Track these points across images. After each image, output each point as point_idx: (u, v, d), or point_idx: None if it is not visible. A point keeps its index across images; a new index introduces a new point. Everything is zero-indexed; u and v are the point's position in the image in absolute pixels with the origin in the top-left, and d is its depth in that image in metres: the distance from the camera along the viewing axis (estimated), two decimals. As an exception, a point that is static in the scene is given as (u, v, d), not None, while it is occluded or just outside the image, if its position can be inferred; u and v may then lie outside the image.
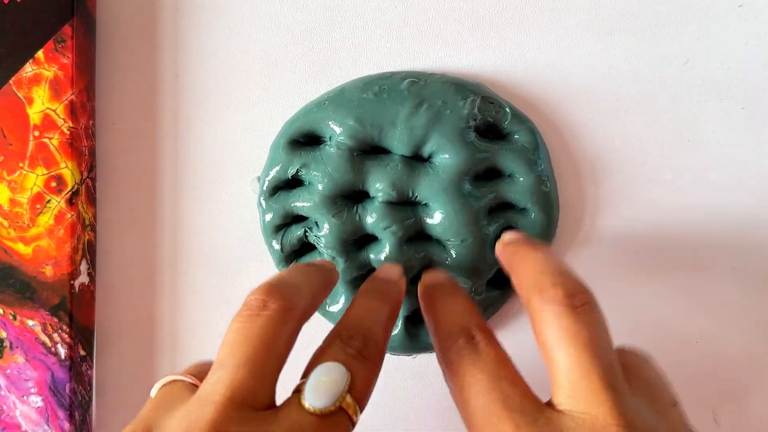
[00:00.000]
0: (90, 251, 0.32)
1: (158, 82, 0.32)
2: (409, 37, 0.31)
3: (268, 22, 0.31)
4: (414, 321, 0.32)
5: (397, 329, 0.31)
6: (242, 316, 0.23)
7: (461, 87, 0.30)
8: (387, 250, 0.30)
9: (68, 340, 0.31)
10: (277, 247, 0.31)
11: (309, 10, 0.31)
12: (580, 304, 0.22)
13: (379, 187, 0.29)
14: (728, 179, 0.31)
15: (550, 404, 0.22)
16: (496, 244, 0.29)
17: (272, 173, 0.30)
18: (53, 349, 0.31)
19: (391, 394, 0.33)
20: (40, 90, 0.30)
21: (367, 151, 0.30)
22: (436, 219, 0.29)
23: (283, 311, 0.23)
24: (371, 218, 0.30)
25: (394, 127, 0.29)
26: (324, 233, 0.30)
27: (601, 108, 0.31)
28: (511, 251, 0.27)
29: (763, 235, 0.31)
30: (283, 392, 0.22)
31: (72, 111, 0.30)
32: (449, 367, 0.24)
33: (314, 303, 0.25)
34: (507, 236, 0.28)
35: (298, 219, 0.31)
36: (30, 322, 0.31)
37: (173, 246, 0.33)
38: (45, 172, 0.30)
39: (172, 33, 0.32)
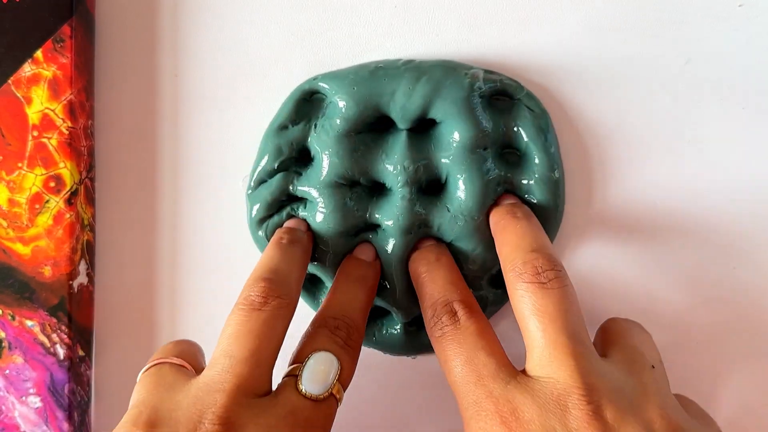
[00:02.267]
0: (89, 251, 0.32)
1: (158, 82, 0.32)
2: (409, 37, 0.31)
3: (268, 22, 0.31)
4: (413, 323, 0.31)
5: (397, 331, 0.31)
6: (244, 310, 0.25)
7: (461, 64, 0.29)
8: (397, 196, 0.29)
9: (67, 340, 0.31)
10: (261, 234, 0.31)
11: (309, 10, 0.31)
12: (547, 280, 0.25)
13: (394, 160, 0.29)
14: (728, 179, 0.31)
15: (523, 371, 0.24)
16: (491, 214, 0.29)
17: (261, 164, 0.30)
18: (52, 350, 0.31)
19: (393, 393, 0.33)
20: (39, 90, 0.30)
21: (366, 129, 0.30)
22: (451, 181, 0.29)
23: (281, 307, 0.25)
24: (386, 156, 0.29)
25: (394, 100, 0.29)
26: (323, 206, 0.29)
27: (600, 108, 0.31)
28: (495, 221, 0.29)
29: (764, 235, 0.31)
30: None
31: (71, 111, 0.30)
32: (435, 342, 0.26)
33: (301, 287, 0.28)
34: (500, 205, 0.29)
35: (280, 207, 0.31)
36: (29, 323, 0.31)
37: (173, 246, 0.33)
38: (44, 172, 0.30)
39: (172, 33, 0.32)
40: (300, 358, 0.25)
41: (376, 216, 0.30)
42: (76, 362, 0.31)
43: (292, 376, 0.25)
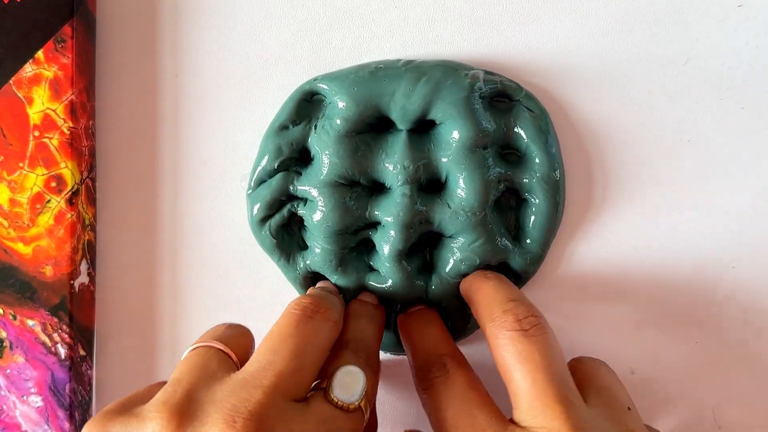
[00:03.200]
0: (90, 251, 0.32)
1: (158, 82, 0.32)
2: (409, 37, 0.31)
3: (268, 22, 0.31)
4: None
5: (387, 335, 0.32)
6: (295, 314, 0.26)
7: (461, 65, 0.29)
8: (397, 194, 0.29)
9: (68, 340, 0.31)
10: (266, 234, 0.31)
11: (309, 10, 0.31)
12: (529, 326, 0.25)
13: (394, 160, 0.29)
14: (728, 179, 0.31)
15: (513, 421, 0.24)
16: (461, 283, 0.30)
17: (261, 164, 0.30)
18: (53, 349, 0.31)
19: (396, 393, 0.33)
20: (40, 90, 0.30)
21: (366, 129, 0.30)
22: (451, 182, 0.29)
23: (332, 321, 0.26)
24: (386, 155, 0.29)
25: (394, 101, 0.29)
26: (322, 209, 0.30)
27: (600, 108, 0.31)
28: (467, 286, 0.29)
29: (764, 235, 0.31)
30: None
31: (72, 111, 0.30)
32: (425, 394, 0.26)
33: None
34: (469, 274, 0.30)
35: (281, 206, 0.31)
36: (30, 322, 0.31)
37: (173, 246, 0.33)
38: (45, 172, 0.30)
39: (172, 33, 0.32)
40: (327, 374, 0.25)
41: (376, 213, 0.30)
42: (77, 362, 0.31)
43: (321, 389, 0.25)
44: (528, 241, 0.30)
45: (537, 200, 0.30)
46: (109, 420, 0.23)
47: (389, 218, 0.29)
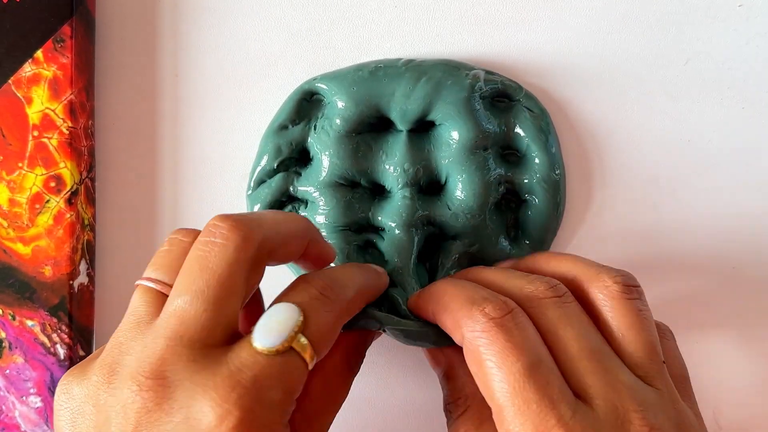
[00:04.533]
0: (89, 251, 0.32)
1: (158, 81, 0.32)
2: (409, 37, 0.31)
3: (268, 22, 0.31)
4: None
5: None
6: (200, 243, 0.22)
7: (462, 64, 0.29)
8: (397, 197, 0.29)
9: (67, 340, 0.31)
10: None
11: (309, 10, 0.31)
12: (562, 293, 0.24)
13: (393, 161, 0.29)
14: (728, 179, 0.31)
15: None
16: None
17: (260, 164, 0.30)
18: (52, 350, 0.31)
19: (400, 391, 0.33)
20: (39, 90, 0.30)
21: (367, 129, 0.30)
22: (450, 185, 0.29)
23: (234, 243, 0.22)
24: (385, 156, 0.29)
25: (393, 101, 0.29)
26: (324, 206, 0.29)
27: (600, 108, 0.31)
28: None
29: (764, 235, 0.31)
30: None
31: (71, 111, 0.30)
32: (476, 340, 0.22)
33: (286, 244, 0.24)
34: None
35: (281, 207, 0.31)
36: (29, 323, 0.31)
37: (173, 246, 0.33)
38: (44, 172, 0.30)
39: (172, 33, 0.32)
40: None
41: (379, 218, 0.30)
42: (77, 362, 0.31)
43: (250, 332, 0.21)
44: (527, 241, 0.30)
45: (537, 200, 0.30)
46: (68, 374, 0.22)
47: (392, 222, 0.29)
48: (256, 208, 0.30)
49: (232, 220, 0.22)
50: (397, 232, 0.29)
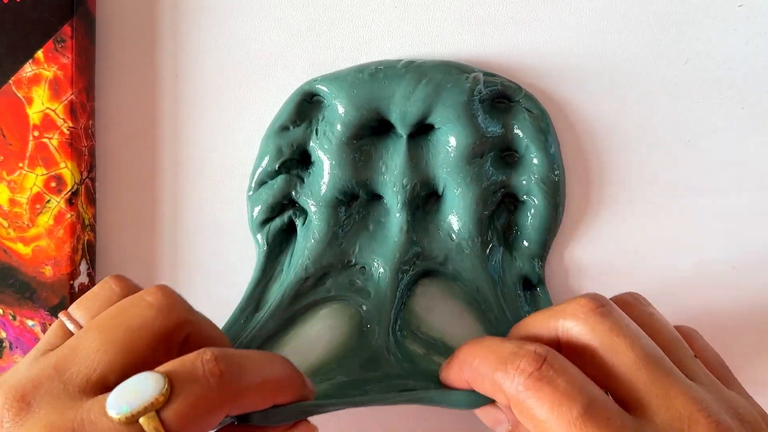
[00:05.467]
0: (90, 251, 0.32)
1: (158, 81, 0.32)
2: (409, 38, 0.31)
3: (268, 22, 0.31)
4: None
5: None
6: (133, 296, 0.23)
7: (462, 66, 0.29)
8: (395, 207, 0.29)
9: (68, 340, 0.31)
10: (261, 240, 0.31)
11: (309, 10, 0.31)
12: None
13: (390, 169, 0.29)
14: (728, 179, 0.31)
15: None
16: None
17: (261, 165, 0.30)
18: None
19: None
20: (40, 90, 0.30)
21: (367, 133, 0.30)
22: (445, 194, 0.30)
23: (164, 312, 0.23)
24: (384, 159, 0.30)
25: (393, 104, 0.29)
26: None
27: (600, 108, 0.31)
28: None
29: (764, 235, 0.31)
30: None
31: (72, 111, 0.30)
32: (530, 388, 0.21)
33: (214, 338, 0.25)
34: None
35: (282, 210, 0.31)
36: (29, 323, 0.31)
37: (173, 246, 0.33)
38: (44, 172, 0.30)
39: (172, 33, 0.32)
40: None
41: (365, 256, 0.30)
42: (77, 362, 0.31)
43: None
44: (526, 243, 0.30)
45: (536, 201, 0.30)
46: None
47: (383, 264, 0.29)
48: (257, 209, 0.30)
49: (164, 290, 0.23)
50: (382, 270, 0.29)
